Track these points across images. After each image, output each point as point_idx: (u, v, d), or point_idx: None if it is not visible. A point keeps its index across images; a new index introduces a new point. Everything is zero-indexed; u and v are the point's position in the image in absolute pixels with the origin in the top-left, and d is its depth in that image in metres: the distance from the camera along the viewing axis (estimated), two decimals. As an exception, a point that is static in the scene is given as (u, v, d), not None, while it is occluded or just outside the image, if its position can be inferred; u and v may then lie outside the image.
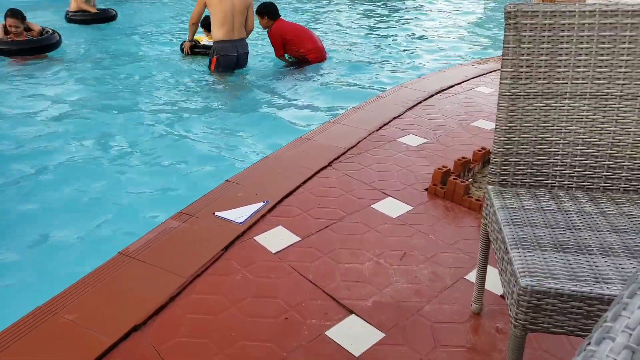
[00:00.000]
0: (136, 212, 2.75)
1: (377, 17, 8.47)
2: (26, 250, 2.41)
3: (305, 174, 2.61)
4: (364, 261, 1.99)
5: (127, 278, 1.85)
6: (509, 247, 1.17)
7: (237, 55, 4.92)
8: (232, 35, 4.80)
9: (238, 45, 4.87)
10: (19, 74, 5.06)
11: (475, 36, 7.24)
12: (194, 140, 3.62)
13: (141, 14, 8.14)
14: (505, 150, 1.46)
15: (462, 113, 3.54)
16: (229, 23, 4.73)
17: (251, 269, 1.91)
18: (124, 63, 5.44)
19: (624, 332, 0.46)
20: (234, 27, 4.78)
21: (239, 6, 4.73)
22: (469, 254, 2.03)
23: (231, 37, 4.80)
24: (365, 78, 5.10)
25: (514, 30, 1.40)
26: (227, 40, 4.80)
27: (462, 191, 2.39)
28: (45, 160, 3.28)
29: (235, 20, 4.76)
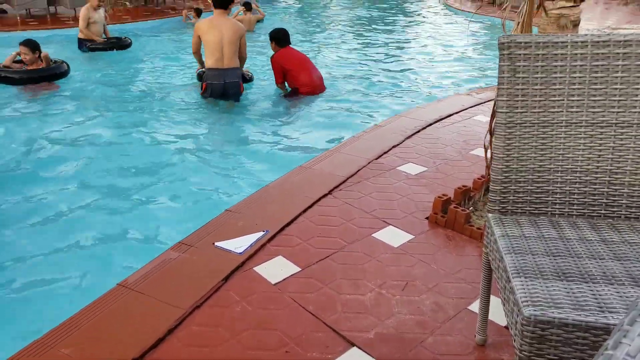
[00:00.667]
0: (136, 242, 2.74)
1: (375, 47, 8.63)
2: (24, 281, 2.38)
3: (306, 203, 2.61)
4: (366, 292, 1.96)
5: (126, 310, 1.83)
6: (511, 275, 1.16)
7: (223, 84, 4.99)
8: (220, 64, 4.91)
9: (226, 73, 4.95)
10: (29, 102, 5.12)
11: (472, 66, 7.36)
12: (194, 169, 3.63)
13: (150, 45, 8.30)
14: (504, 179, 1.46)
15: (461, 141, 3.56)
16: (218, 52, 4.86)
17: (251, 300, 1.89)
18: (121, 95, 5.52)
19: (625, 359, 0.45)
20: (224, 56, 4.89)
21: (228, 37, 4.83)
22: (472, 284, 2.01)
23: (219, 66, 4.91)
24: (364, 107, 5.15)
25: (508, 60, 1.42)
26: (215, 68, 4.92)
27: (463, 220, 2.38)
28: (43, 189, 3.28)
29: (224, 49, 4.87)
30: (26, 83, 5.55)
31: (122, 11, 11.15)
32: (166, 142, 4.20)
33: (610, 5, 15.16)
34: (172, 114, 4.90)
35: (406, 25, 11.76)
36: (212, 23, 4.86)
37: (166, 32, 9.67)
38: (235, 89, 5.05)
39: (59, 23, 9.22)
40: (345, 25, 11.39)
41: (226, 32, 4.82)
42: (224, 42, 4.84)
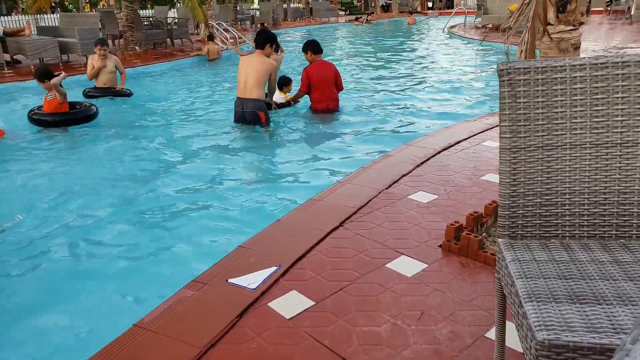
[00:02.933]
0: (151, 281, 2.75)
1: (382, 77, 8.77)
2: (36, 322, 2.40)
3: (317, 236, 2.61)
4: (381, 323, 1.94)
5: (142, 351, 1.83)
6: (523, 300, 1.15)
7: (242, 112, 5.57)
8: (241, 94, 5.54)
9: (245, 103, 5.51)
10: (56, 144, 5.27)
11: (479, 92, 7.42)
12: (203, 206, 3.67)
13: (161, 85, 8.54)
14: (512, 203, 1.47)
15: (470, 168, 3.56)
16: (242, 84, 5.49)
17: (266, 337, 1.88)
18: (130, 134, 5.66)
19: (628, 380, 0.45)
20: (246, 87, 5.47)
21: (254, 69, 5.44)
22: (488, 310, 1.98)
23: (241, 95, 5.55)
24: (373, 137, 5.20)
25: (508, 86, 1.45)
26: (238, 97, 5.60)
27: (476, 246, 2.36)
28: (55, 227, 3.34)
29: (248, 81, 5.45)
30: (59, 125, 5.82)
31: (132, 55, 11.54)
32: (174, 179, 4.26)
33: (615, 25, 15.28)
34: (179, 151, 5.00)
35: (412, 54, 11.97)
36: (245, 59, 5.65)
37: (177, 73, 9.97)
38: (253, 118, 5.56)
39: (71, 70, 9.56)
40: (352, 57, 11.63)
41: (251, 67, 5.45)
42: (248, 74, 5.45)
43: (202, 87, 8.77)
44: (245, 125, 5.60)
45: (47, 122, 5.77)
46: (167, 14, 17.03)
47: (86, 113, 5.94)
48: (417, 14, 28.57)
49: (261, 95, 5.54)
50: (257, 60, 5.53)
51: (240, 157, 4.80)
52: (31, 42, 9.88)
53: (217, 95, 8.01)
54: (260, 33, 5.78)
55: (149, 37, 12.82)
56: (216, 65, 11.35)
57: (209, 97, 7.90)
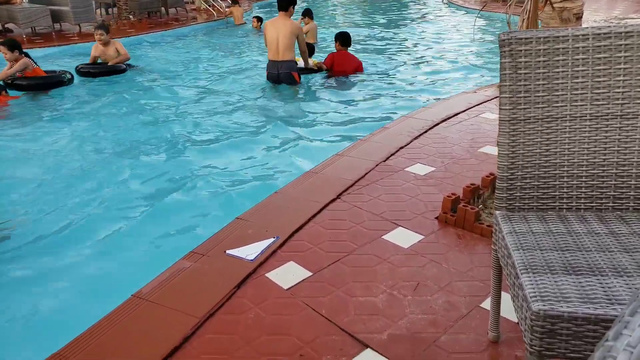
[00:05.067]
0: (148, 252, 2.77)
1: (378, 48, 8.65)
2: (39, 295, 2.42)
3: (315, 208, 2.62)
4: (378, 293, 1.97)
5: (141, 321, 1.85)
6: (519, 272, 1.16)
7: (277, 74, 5.91)
8: (275, 57, 5.84)
9: (279, 65, 5.85)
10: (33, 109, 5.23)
11: (478, 63, 7.34)
12: (202, 177, 3.66)
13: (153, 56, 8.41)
14: (510, 175, 1.46)
15: (468, 140, 3.55)
16: (273, 47, 5.78)
17: (264, 307, 1.91)
18: (139, 100, 5.60)
19: (626, 350, 0.45)
20: (279, 50, 5.76)
21: (284, 32, 5.70)
22: (484, 282, 2.00)
23: (274, 58, 5.85)
24: (369, 110, 5.17)
25: (510, 57, 1.43)
26: (271, 60, 5.92)
27: (472, 218, 2.38)
28: (51, 201, 3.33)
29: (280, 44, 5.73)
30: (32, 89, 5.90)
31: (127, 24, 11.31)
32: (171, 150, 4.24)
33: (616, -5, 15.02)
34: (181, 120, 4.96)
35: (409, 25, 11.77)
36: (271, 23, 5.85)
37: (177, 41, 9.81)
38: (287, 78, 5.91)
39: (64, 39, 9.37)
40: (346, 28, 11.43)
41: (281, 30, 5.67)
42: (279, 37, 5.70)
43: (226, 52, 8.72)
44: (274, 84, 5.95)
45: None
46: (161, -19, 16.59)
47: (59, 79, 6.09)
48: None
49: (292, 56, 5.84)
50: (283, 23, 5.74)
51: (240, 128, 4.77)
52: (22, 10, 9.64)
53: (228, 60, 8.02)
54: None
55: (143, 6, 12.51)
56: (237, 30, 11.23)
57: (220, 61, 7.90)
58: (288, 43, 5.73)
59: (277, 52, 5.79)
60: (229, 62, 7.86)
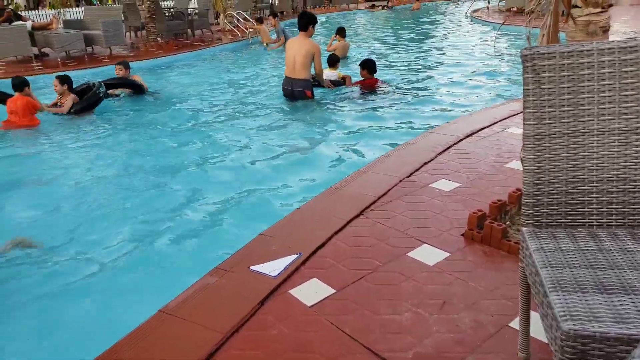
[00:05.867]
0: (174, 268, 2.80)
1: (403, 63, 8.66)
2: (66, 308, 2.47)
3: (337, 225, 2.61)
4: (402, 312, 1.94)
5: (167, 336, 1.87)
6: (548, 290, 1.13)
7: (291, 90, 6.10)
8: (291, 74, 6.05)
9: (293, 82, 6.05)
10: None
11: (502, 77, 7.26)
12: (224, 194, 3.70)
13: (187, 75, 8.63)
14: (536, 191, 1.44)
15: (494, 155, 3.50)
16: (290, 65, 5.99)
17: (287, 324, 1.90)
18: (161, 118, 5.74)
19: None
20: (295, 68, 5.96)
21: (301, 52, 5.89)
22: (512, 300, 1.96)
23: (290, 75, 6.07)
24: (393, 125, 5.16)
25: (532, 72, 1.42)
26: (286, 76, 6.13)
27: (499, 235, 2.33)
28: (79, 216, 3.42)
29: (296, 63, 5.91)
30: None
31: (154, 46, 11.65)
32: (196, 167, 4.31)
33: (646, 7, 14.72)
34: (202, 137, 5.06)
35: (433, 40, 11.78)
36: (292, 41, 6.13)
37: (203, 62, 10.06)
38: (301, 96, 6.11)
39: (95, 62, 9.70)
40: (371, 43, 11.49)
41: (297, 50, 5.88)
42: (296, 57, 5.91)
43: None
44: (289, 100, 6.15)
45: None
46: (188, 4, 17.09)
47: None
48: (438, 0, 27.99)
49: (307, 75, 6.03)
50: (301, 43, 5.94)
51: (265, 144, 4.81)
52: (58, 36, 10.05)
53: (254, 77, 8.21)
54: (302, 16, 6.15)
55: (171, 28, 12.89)
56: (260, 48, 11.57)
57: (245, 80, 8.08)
58: (304, 62, 5.90)
59: (293, 69, 6.00)
60: (252, 81, 8.01)
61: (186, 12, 14.22)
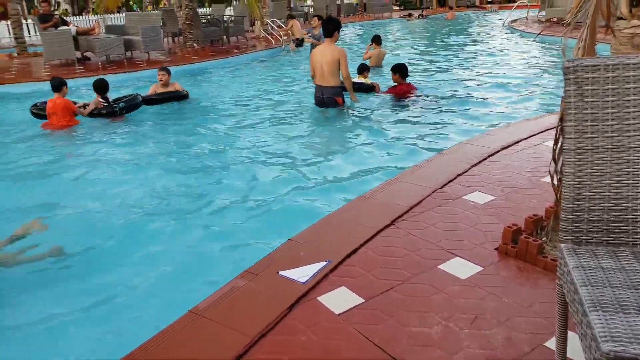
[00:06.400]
0: (205, 269, 2.84)
1: (438, 73, 8.58)
2: (98, 306, 2.53)
3: (367, 233, 2.60)
4: (432, 324, 1.91)
5: (197, 336, 1.90)
6: (587, 309, 1.10)
7: (322, 97, 6.12)
8: (320, 82, 6.06)
9: (323, 90, 6.07)
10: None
11: (541, 89, 7.10)
12: (254, 198, 3.74)
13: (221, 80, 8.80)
14: (576, 207, 1.40)
15: (531, 168, 3.42)
16: (319, 73, 6.00)
17: (315, 330, 1.90)
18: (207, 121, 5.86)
19: None
20: (323, 75, 5.97)
21: (327, 59, 5.88)
22: (547, 319, 1.90)
23: (320, 83, 6.09)
24: (426, 135, 5.11)
25: (575, 85, 1.38)
26: (316, 84, 6.17)
27: (535, 250, 2.27)
28: (115, 213, 3.51)
29: (324, 70, 5.91)
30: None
31: (191, 52, 11.92)
32: (229, 172, 4.37)
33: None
34: (240, 144, 5.13)
35: (469, 50, 11.64)
36: (317, 49, 6.11)
37: (237, 68, 10.23)
38: (331, 103, 6.11)
39: (134, 66, 10.00)
40: (407, 53, 11.44)
41: (324, 58, 5.87)
42: (323, 64, 5.90)
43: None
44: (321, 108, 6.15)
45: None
46: (224, 11, 17.46)
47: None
48: (475, 9, 27.67)
49: (337, 81, 6.02)
50: (328, 50, 5.92)
51: (295, 151, 4.84)
52: (100, 40, 10.44)
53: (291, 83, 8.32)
54: (328, 22, 6.11)
55: (207, 35, 13.19)
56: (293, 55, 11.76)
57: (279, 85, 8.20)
58: (332, 69, 5.91)
59: (322, 77, 6.01)
60: (284, 87, 8.10)
61: (222, 19, 14.53)
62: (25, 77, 9.03)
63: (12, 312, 2.53)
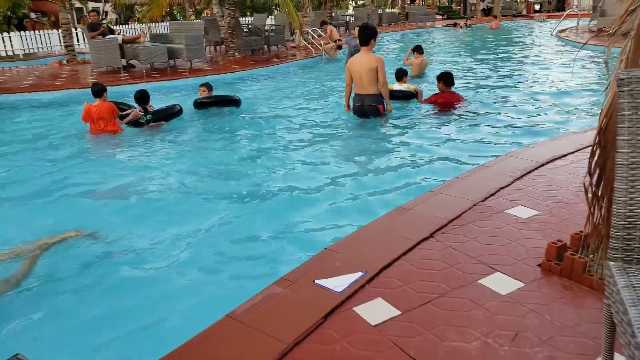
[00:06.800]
0: (242, 274, 2.88)
1: (484, 81, 8.42)
2: (138, 307, 2.60)
3: (405, 245, 2.57)
4: (471, 340, 1.87)
5: (233, 342, 1.92)
6: (637, 330, 1.04)
7: (362, 106, 6.10)
8: (360, 91, 6.05)
9: (364, 99, 6.05)
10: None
11: (591, 101, 6.83)
12: (291, 206, 3.76)
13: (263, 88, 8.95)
14: (628, 224, 1.34)
15: (578, 183, 3.29)
16: (358, 82, 6.00)
17: (351, 341, 1.89)
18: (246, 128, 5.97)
19: None
20: (363, 84, 5.96)
21: (366, 67, 5.88)
22: (593, 339, 1.82)
23: (359, 92, 6.07)
24: (468, 147, 5.01)
25: (629, 97, 1.33)
26: (356, 94, 6.15)
27: (581, 268, 2.19)
28: (155, 216, 3.60)
29: (364, 79, 5.92)
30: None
31: (232, 61, 12.19)
32: (267, 179, 4.42)
33: None
34: (287, 152, 5.19)
35: (516, 60, 11.38)
36: (355, 59, 6.07)
37: (277, 77, 10.38)
38: (373, 111, 6.09)
39: (176, 74, 10.30)
40: (450, 61, 11.29)
41: (363, 67, 5.87)
42: (362, 73, 5.90)
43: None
44: (362, 118, 6.14)
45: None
46: (266, 21, 17.78)
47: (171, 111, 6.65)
48: (522, 18, 27.06)
49: (377, 89, 5.99)
50: (365, 58, 5.90)
51: (334, 159, 4.85)
52: (145, 49, 10.83)
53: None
54: (363, 30, 6.03)
55: (248, 44, 13.46)
56: (333, 64, 11.87)
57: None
58: (370, 77, 5.89)
59: (361, 86, 5.99)
60: (323, 96, 8.14)
61: (263, 28, 14.80)
62: (74, 84, 9.45)
63: (52, 312, 2.61)
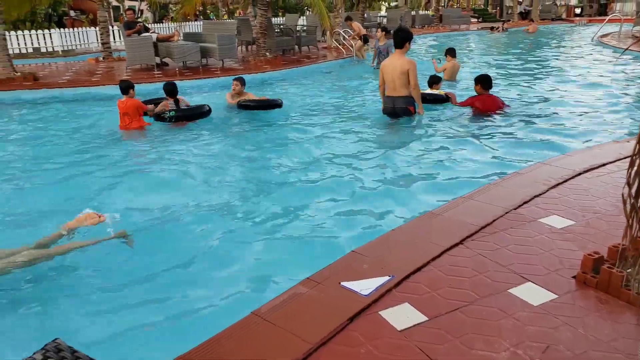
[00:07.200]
0: (268, 272, 2.87)
1: (522, 88, 8.21)
2: (166, 303, 2.63)
3: (434, 251, 2.52)
4: (500, 350, 1.81)
5: (258, 339, 1.91)
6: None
7: (393, 107, 6.14)
8: (392, 93, 6.10)
9: (395, 100, 6.10)
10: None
11: (633, 109, 6.57)
12: (320, 208, 3.74)
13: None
14: (679, 238, 1.26)
15: (617, 194, 3.17)
16: (390, 84, 6.06)
17: (376, 344, 1.86)
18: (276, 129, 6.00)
19: None
20: (395, 87, 6.04)
21: (398, 70, 5.94)
22: (630, 356, 1.75)
23: (391, 94, 6.12)
24: (502, 153, 4.88)
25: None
26: (387, 95, 6.19)
27: (619, 282, 2.10)
28: (187, 221, 3.63)
29: (396, 81, 5.98)
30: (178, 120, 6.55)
31: (263, 61, 12.27)
32: (297, 180, 4.41)
33: None
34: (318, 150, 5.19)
35: (554, 66, 11.10)
36: (388, 61, 6.13)
37: (308, 77, 10.41)
38: (404, 112, 6.14)
39: (208, 73, 10.42)
40: (488, 67, 11.09)
41: (395, 70, 5.94)
42: (394, 77, 5.98)
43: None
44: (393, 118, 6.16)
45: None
46: (297, 21, 17.84)
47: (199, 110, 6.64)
48: (561, 22, 26.40)
49: (408, 92, 6.03)
50: (398, 62, 5.95)
51: (363, 162, 4.80)
52: (178, 47, 11.00)
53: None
54: (397, 32, 6.07)
55: (279, 44, 13.53)
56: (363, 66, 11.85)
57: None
58: (403, 80, 5.94)
59: (393, 88, 6.03)
60: (353, 98, 8.11)
61: (295, 28, 14.85)
62: (109, 80, 9.67)
63: (79, 305, 2.65)
